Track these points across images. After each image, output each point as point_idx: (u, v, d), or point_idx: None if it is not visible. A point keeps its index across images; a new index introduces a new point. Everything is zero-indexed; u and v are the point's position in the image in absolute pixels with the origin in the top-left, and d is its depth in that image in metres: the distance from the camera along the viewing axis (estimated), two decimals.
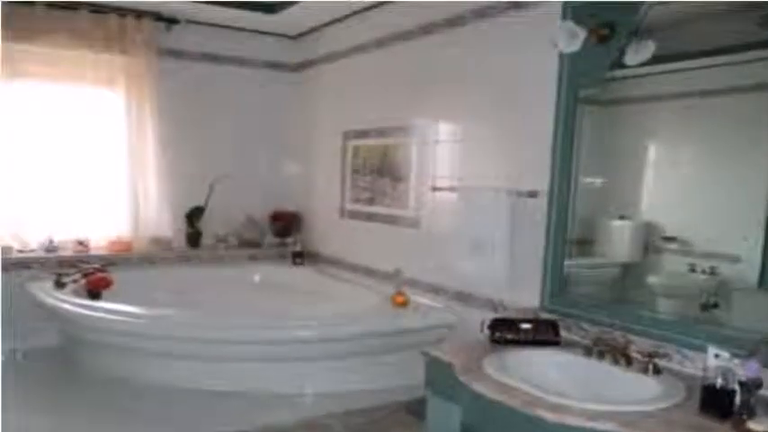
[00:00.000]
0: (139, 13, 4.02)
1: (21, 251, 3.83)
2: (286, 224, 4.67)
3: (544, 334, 2.34)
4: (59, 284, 3.52)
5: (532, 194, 2.65)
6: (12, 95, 3.76)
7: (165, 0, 3.86)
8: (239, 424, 2.83)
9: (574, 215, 2.50)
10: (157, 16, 4.11)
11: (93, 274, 3.62)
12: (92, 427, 2.80)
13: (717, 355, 1.76)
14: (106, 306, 3.28)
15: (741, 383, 1.67)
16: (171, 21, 4.17)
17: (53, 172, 3.95)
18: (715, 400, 1.70)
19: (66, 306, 3.28)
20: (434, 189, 3.22)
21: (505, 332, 2.36)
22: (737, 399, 1.67)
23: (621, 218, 2.49)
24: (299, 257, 4.49)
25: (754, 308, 2.02)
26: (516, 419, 1.79)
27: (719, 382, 1.70)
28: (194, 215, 4.39)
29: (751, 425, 1.60)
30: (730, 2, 2.04)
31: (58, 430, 2.76)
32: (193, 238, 4.40)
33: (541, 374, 2.10)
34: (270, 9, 4.00)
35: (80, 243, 4.00)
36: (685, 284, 2.24)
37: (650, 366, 1.98)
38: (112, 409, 2.98)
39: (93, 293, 3.52)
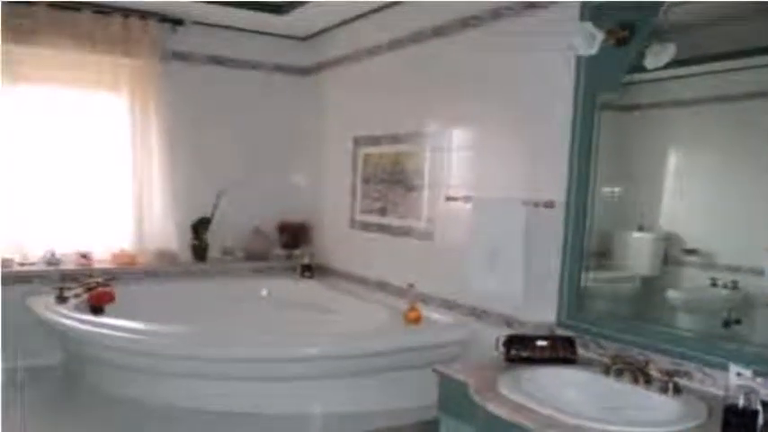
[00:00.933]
0: (144, 14, 4.10)
1: (21, 264, 3.89)
2: (294, 235, 4.73)
3: (561, 351, 2.38)
4: (61, 299, 3.58)
5: (549, 205, 2.68)
6: (11, 101, 3.82)
7: (171, 0, 3.95)
8: None
9: (591, 226, 2.54)
10: (162, 17, 4.18)
11: (95, 288, 3.68)
12: None
13: (739, 374, 1.80)
14: (109, 322, 3.33)
15: (764, 403, 1.69)
16: (176, 22, 4.25)
17: (54, 181, 4.01)
18: (737, 421, 1.72)
19: (68, 322, 3.35)
20: (448, 199, 3.27)
21: (521, 350, 2.41)
22: (760, 419, 1.68)
23: (640, 229, 2.52)
24: (308, 270, 4.54)
25: None
26: None
27: (741, 401, 1.72)
28: (200, 226, 4.45)
29: None
30: (756, 1, 2.05)
31: None
32: (199, 251, 4.46)
33: (558, 394, 2.14)
34: (278, 10, 4.07)
35: (83, 256, 4.06)
36: (706, 299, 2.27)
37: (670, 385, 2.01)
38: (116, 430, 3.05)
39: (96, 308, 3.56)
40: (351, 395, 3.20)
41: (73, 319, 3.38)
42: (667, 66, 2.29)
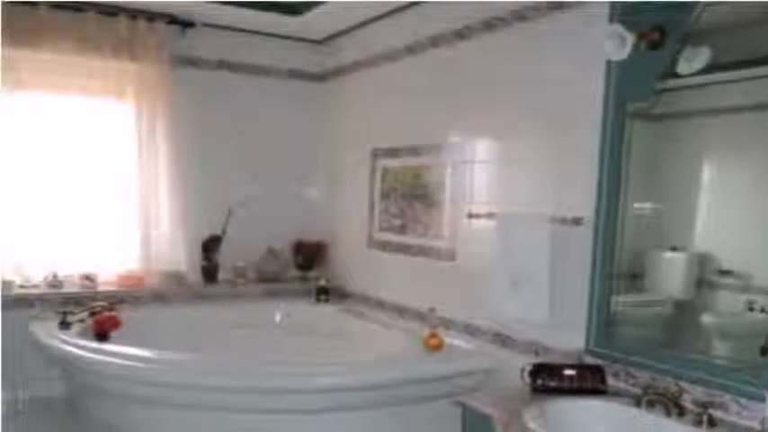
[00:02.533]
0: (151, 15, 4.20)
1: (22, 286, 3.97)
2: (310, 256, 4.83)
3: (589, 381, 2.43)
4: (64, 324, 3.63)
5: (577, 222, 2.74)
6: (10, 109, 3.88)
7: (179, 0, 4.06)
8: None
9: (621, 245, 2.57)
10: (171, 19, 4.29)
11: (100, 312, 3.74)
12: None
13: None
14: (114, 349, 3.38)
15: None
16: (185, 24, 4.37)
17: (56, 196, 4.07)
18: None
19: (71, 349, 3.39)
20: (470, 216, 3.34)
21: (547, 379, 2.47)
22: None
23: (673, 249, 2.55)
24: (324, 293, 4.60)
25: None
26: None
27: None
28: (211, 245, 4.53)
29: None
30: None
31: None
32: (210, 272, 4.54)
33: (587, 427, 2.20)
34: (293, 10, 4.18)
35: (87, 278, 4.14)
36: (743, 324, 2.29)
37: (705, 418, 2.05)
38: None
39: (101, 335, 3.63)
40: (367, 429, 3.22)
41: (76, 346, 3.42)
42: (703, 71, 2.32)
